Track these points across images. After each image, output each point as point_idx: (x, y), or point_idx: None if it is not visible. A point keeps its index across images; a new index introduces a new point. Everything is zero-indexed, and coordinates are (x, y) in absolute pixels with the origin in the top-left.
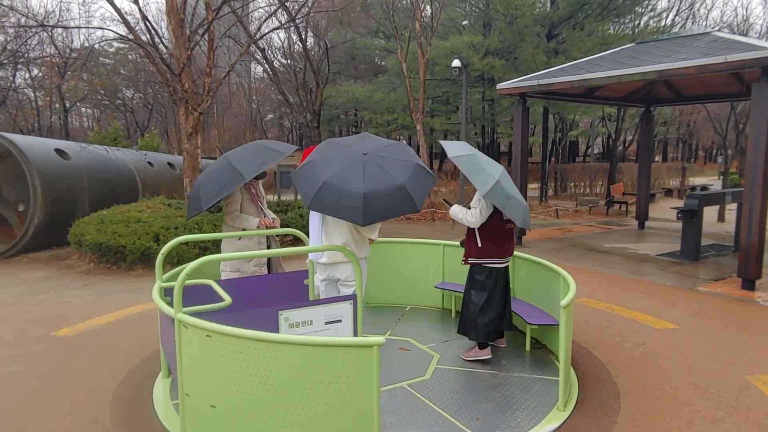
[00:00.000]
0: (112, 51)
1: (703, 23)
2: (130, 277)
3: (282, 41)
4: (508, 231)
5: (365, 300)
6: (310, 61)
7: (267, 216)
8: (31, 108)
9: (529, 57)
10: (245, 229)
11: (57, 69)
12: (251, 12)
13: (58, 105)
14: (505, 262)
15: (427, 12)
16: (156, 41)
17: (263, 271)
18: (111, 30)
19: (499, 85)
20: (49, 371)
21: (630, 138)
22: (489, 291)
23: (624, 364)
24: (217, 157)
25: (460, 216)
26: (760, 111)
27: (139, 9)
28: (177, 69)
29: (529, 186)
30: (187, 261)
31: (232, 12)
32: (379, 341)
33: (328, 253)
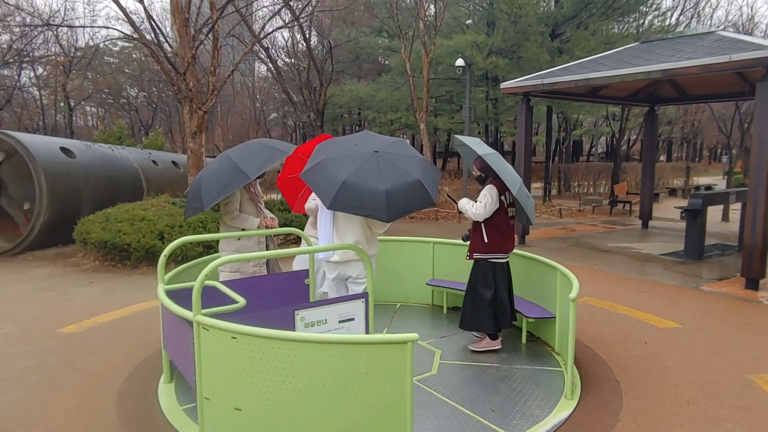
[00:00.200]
0: (116, 50)
1: (708, 22)
2: (134, 275)
3: (286, 40)
4: (511, 227)
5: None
6: (313, 60)
7: (266, 216)
8: (36, 107)
9: (533, 56)
10: (244, 229)
11: (62, 68)
12: (255, 11)
13: (62, 104)
14: (508, 256)
15: (431, 11)
16: (161, 40)
17: (263, 272)
18: (116, 29)
19: (503, 84)
20: (56, 367)
21: (634, 137)
22: (495, 284)
23: (626, 362)
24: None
25: (467, 208)
26: (764, 110)
27: (144, 8)
28: (181, 68)
29: (533, 185)
30: (191, 259)
31: (236, 11)
32: (414, 337)
33: (339, 252)
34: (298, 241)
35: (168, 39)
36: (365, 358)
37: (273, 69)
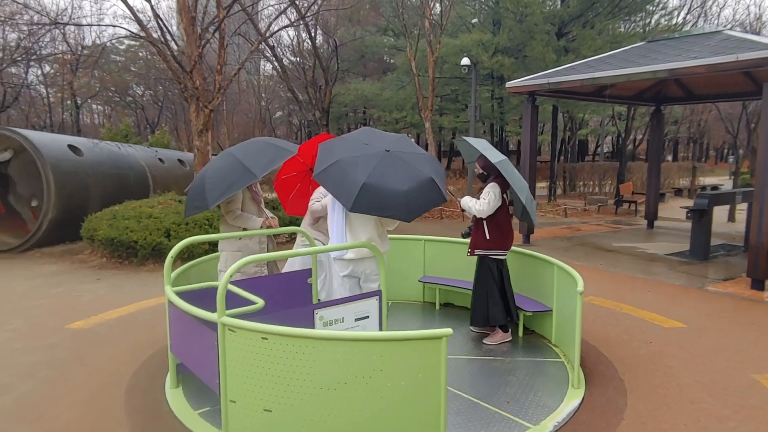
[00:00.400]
0: (122, 48)
1: (715, 21)
2: (141, 272)
3: (291, 39)
4: (511, 224)
5: None
6: (319, 59)
7: (267, 215)
8: (43, 104)
9: (539, 55)
10: (245, 229)
11: (69, 66)
12: (261, 11)
13: (69, 102)
14: (507, 253)
15: (437, 10)
16: (167, 39)
17: (263, 272)
18: (123, 27)
19: (509, 84)
20: (65, 362)
21: (640, 137)
22: (499, 280)
23: (631, 362)
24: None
25: (470, 205)
26: None
27: (151, 7)
28: (188, 66)
29: (538, 185)
30: (197, 257)
31: (242, 10)
32: (448, 332)
33: (353, 249)
34: (291, 241)
35: (174, 38)
36: (401, 354)
37: (278, 67)
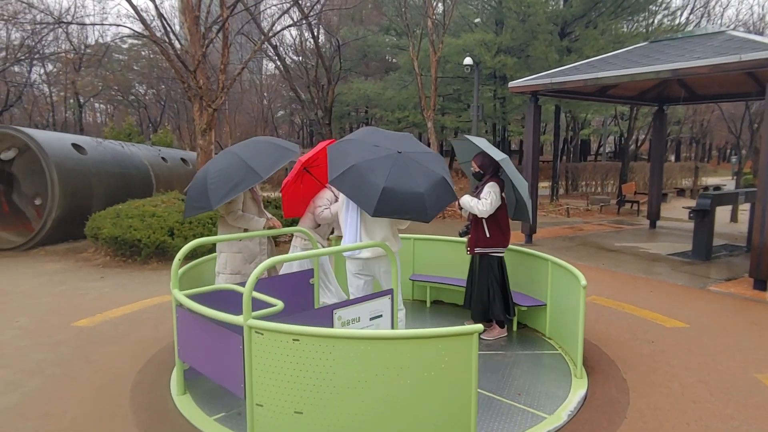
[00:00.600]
0: (125, 47)
1: (718, 21)
2: (145, 271)
3: (294, 38)
4: (508, 222)
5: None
6: (322, 58)
7: (268, 216)
8: (46, 103)
9: (542, 55)
10: (245, 230)
11: (72, 65)
12: (264, 10)
13: (72, 101)
14: (505, 250)
15: (439, 9)
16: (171, 38)
17: (264, 273)
18: (127, 27)
19: (512, 83)
20: (71, 360)
21: (642, 137)
22: (500, 276)
23: (633, 361)
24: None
25: (471, 204)
26: None
27: (156, 6)
28: (192, 66)
29: (540, 184)
30: (200, 255)
31: (245, 9)
32: (479, 328)
33: (370, 249)
34: (288, 242)
35: (178, 37)
36: (433, 351)
37: (281, 67)
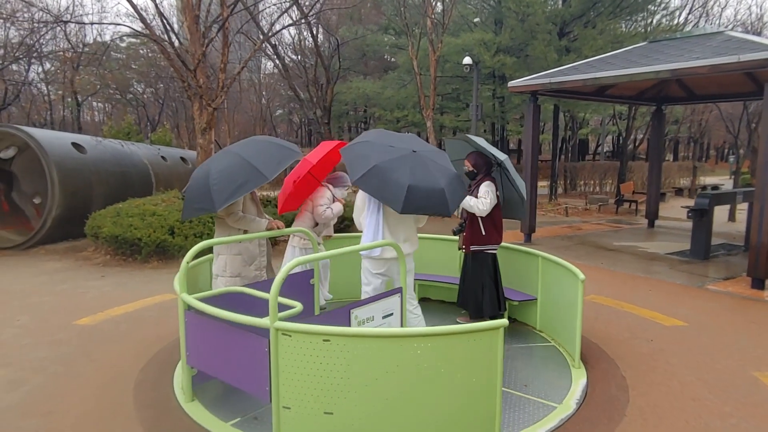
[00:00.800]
0: (123, 46)
1: (717, 21)
2: (145, 269)
3: (292, 37)
4: (502, 220)
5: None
6: (321, 57)
7: (267, 217)
8: (44, 102)
9: (541, 55)
10: (246, 231)
11: (71, 63)
12: (264, 10)
13: (70, 99)
14: (498, 247)
15: (438, 9)
16: (171, 37)
17: (263, 275)
18: (126, 26)
19: (511, 83)
20: (73, 358)
21: (641, 136)
22: (493, 272)
23: (633, 359)
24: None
25: (471, 204)
26: None
27: (156, 5)
28: (192, 65)
29: (539, 184)
30: (202, 254)
31: (245, 9)
32: (504, 323)
33: (391, 248)
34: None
35: (178, 36)
36: (463, 347)
37: (280, 66)
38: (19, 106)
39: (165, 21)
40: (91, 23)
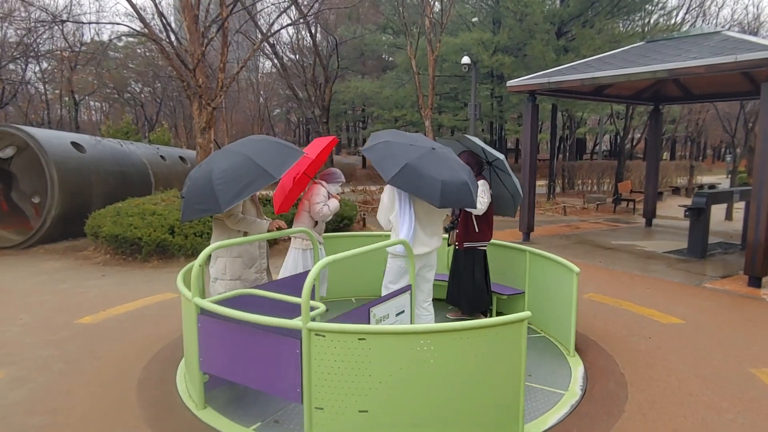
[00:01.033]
0: (121, 45)
1: (714, 21)
2: (145, 269)
3: (291, 36)
4: (492, 217)
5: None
6: (319, 57)
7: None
8: (41, 101)
9: (539, 54)
10: (247, 233)
11: (68, 63)
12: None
13: (67, 98)
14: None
15: (437, 8)
16: (171, 37)
17: (264, 278)
18: (125, 25)
19: (510, 83)
20: (76, 356)
21: (638, 136)
22: (484, 268)
23: (631, 356)
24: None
25: None
26: None
27: (155, 5)
28: (191, 64)
29: (537, 183)
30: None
31: (244, 9)
32: (527, 315)
33: (425, 242)
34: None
35: (177, 36)
36: (490, 340)
37: (279, 65)
38: (17, 105)
39: (164, 21)
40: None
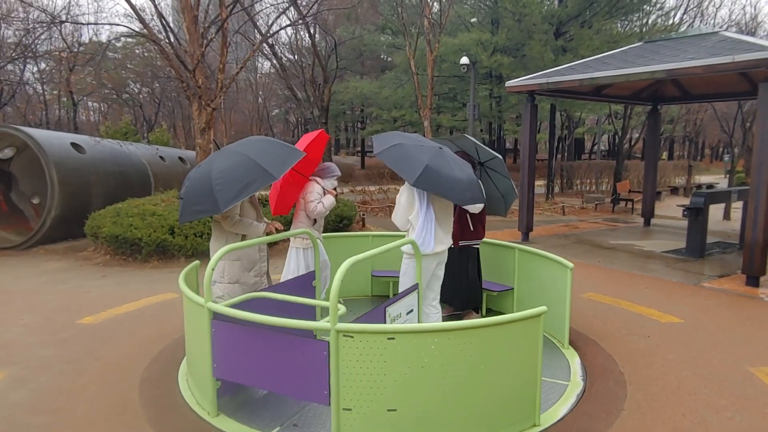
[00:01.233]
0: (119, 45)
1: (711, 21)
2: (146, 269)
3: (289, 37)
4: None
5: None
6: (318, 57)
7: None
8: (39, 102)
9: (537, 55)
10: (245, 236)
11: (66, 63)
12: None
13: (66, 99)
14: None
15: (435, 8)
16: (170, 38)
17: (263, 281)
18: (124, 26)
19: (509, 83)
20: (78, 356)
21: (636, 136)
22: (477, 265)
23: (630, 355)
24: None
25: None
26: (767, 110)
27: (155, 6)
28: (191, 65)
29: (536, 183)
30: (202, 253)
31: (243, 10)
32: (543, 310)
33: (443, 240)
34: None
35: (177, 37)
36: (512, 334)
37: (277, 65)
38: (15, 106)
39: (164, 22)
40: (88, 23)
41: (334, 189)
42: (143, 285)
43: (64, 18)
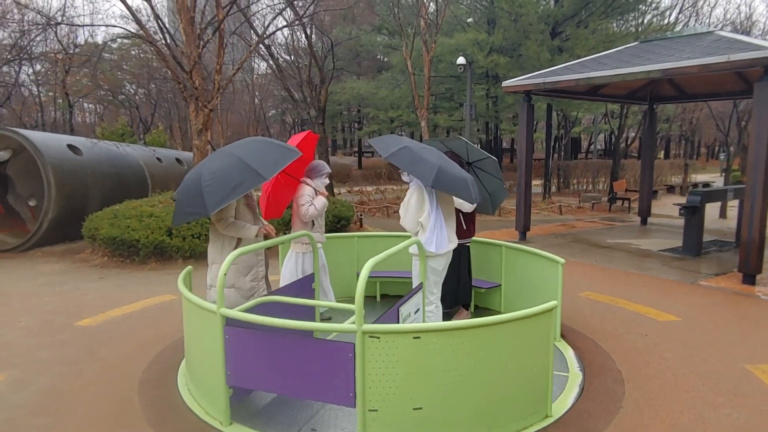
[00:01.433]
0: (114, 47)
1: (706, 21)
2: (144, 270)
3: (286, 37)
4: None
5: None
6: (315, 58)
7: (263, 223)
8: (35, 103)
9: (534, 54)
10: (239, 239)
11: (62, 65)
12: (258, 12)
13: (61, 101)
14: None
15: (432, 9)
16: (167, 39)
17: (261, 286)
18: (121, 27)
19: (505, 83)
20: (77, 358)
21: (632, 135)
22: (467, 264)
23: (628, 354)
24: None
25: (461, 201)
26: (762, 109)
27: (152, 7)
28: (188, 66)
29: (533, 182)
30: (199, 255)
31: (240, 11)
32: (554, 305)
33: (452, 239)
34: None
35: (174, 38)
36: (528, 329)
37: (274, 66)
38: (10, 107)
39: (161, 23)
40: (84, 25)
41: (324, 189)
42: (141, 287)
43: (59, 20)
